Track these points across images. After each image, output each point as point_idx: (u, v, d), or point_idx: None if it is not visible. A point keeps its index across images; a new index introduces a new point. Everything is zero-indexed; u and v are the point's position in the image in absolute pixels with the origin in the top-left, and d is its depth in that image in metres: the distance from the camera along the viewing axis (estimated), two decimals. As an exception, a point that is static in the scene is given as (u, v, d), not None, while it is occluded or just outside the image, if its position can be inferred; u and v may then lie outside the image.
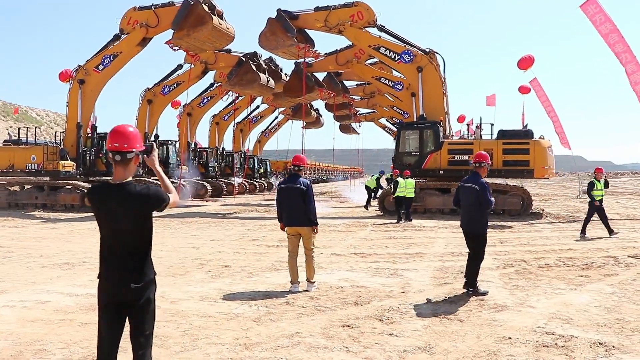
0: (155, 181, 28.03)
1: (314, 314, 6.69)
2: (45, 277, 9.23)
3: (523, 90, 34.03)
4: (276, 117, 48.38)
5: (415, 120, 22.63)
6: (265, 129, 49.90)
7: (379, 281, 8.63)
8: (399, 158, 21.67)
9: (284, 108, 43.65)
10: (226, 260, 10.91)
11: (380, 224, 17.91)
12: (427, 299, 7.27)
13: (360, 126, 48.26)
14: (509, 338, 5.60)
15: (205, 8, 21.43)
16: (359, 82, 37.74)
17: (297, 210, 7.84)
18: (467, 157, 20.59)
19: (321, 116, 44.92)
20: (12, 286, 8.37)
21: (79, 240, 14.30)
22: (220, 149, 40.23)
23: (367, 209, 23.84)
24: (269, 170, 51.17)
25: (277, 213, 8.19)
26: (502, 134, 20.60)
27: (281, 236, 14.78)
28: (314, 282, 8.12)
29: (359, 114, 46.86)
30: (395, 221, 18.30)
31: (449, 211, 20.79)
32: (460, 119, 42.96)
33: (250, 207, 26.04)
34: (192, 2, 21.54)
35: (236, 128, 44.25)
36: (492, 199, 7.44)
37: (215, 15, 21.75)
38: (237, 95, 36.24)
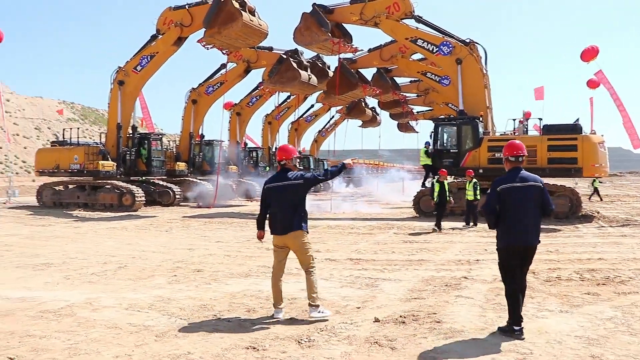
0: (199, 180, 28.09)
1: (232, 330, 5.79)
2: (5, 278, 8.86)
3: (592, 84, 31.44)
4: (332, 116, 47.55)
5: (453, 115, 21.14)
6: (322, 129, 49.23)
7: (343, 293, 7.59)
8: (436, 156, 20.26)
9: (340, 107, 42.77)
10: (207, 263, 10.23)
11: (409, 227, 16.66)
12: (375, 318, 6.17)
13: (417, 124, 46.56)
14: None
15: (236, 4, 20.86)
16: (412, 79, 36.29)
17: (285, 214, 6.25)
18: (509, 155, 18.92)
19: (378, 114, 43.63)
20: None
21: (87, 240, 14.06)
22: (273, 148, 39.87)
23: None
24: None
25: (258, 216, 6.68)
26: (548, 129, 18.74)
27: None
28: (318, 305, 6.19)
29: (417, 112, 45.21)
30: (435, 227, 15.66)
31: (480, 209, 19.22)
32: (527, 115, 40.44)
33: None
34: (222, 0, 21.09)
35: (290, 127, 43.86)
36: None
37: (246, 11, 21.17)
38: (289, 94, 35.83)
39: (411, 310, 6.52)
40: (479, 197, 16.05)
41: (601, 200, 29.02)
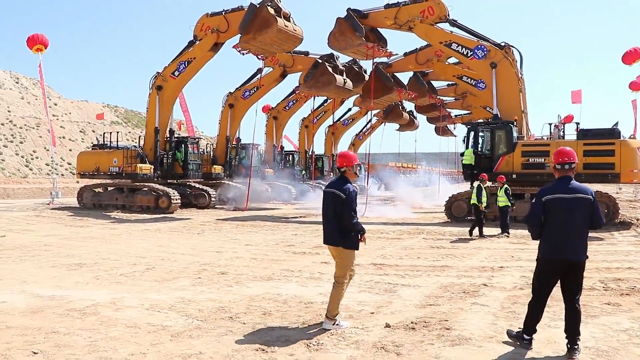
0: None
1: (245, 332, 5.97)
2: (40, 277, 9.31)
3: (634, 86, 30.61)
4: (369, 120, 47.49)
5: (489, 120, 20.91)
6: (359, 132, 49.23)
7: (360, 298, 7.69)
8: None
9: (377, 110, 42.73)
10: (233, 266, 10.46)
11: (440, 233, 16.59)
12: (386, 324, 6.25)
13: (455, 128, 46.11)
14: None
15: (271, 10, 21.18)
16: (449, 83, 35.99)
17: (328, 224, 6.17)
18: (542, 160, 18.65)
19: (415, 118, 43.42)
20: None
21: (120, 242, 14.53)
22: (310, 152, 40.13)
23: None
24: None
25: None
26: (584, 133, 18.35)
27: (319, 242, 14.18)
28: (335, 319, 6.08)
29: (455, 116, 44.78)
30: (476, 233, 15.33)
31: (523, 218, 18.93)
32: (568, 118, 39.58)
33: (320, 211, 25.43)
34: (258, 6, 21.43)
35: (327, 131, 44.07)
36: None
37: (281, 17, 21.46)
38: (325, 98, 36.04)
39: (424, 317, 6.57)
40: (509, 203, 15.74)
41: None
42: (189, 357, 5.17)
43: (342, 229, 6.00)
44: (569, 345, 5.20)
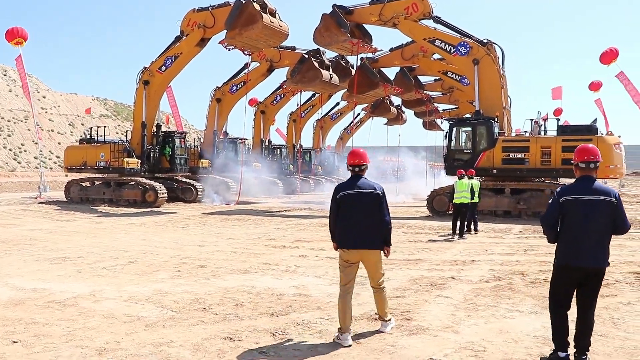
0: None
1: (215, 322, 6.28)
2: (24, 270, 9.57)
3: (593, 87, 31.25)
4: (358, 114, 47.85)
5: (470, 115, 21.30)
6: (347, 126, 49.60)
7: (330, 291, 8.00)
8: (451, 156, 20.47)
9: (365, 105, 43.06)
10: (212, 260, 10.76)
11: (419, 227, 16.96)
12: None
13: (442, 122, 46.46)
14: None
15: (257, 7, 21.40)
16: (436, 78, 36.35)
17: (366, 227, 5.61)
18: (522, 155, 19.07)
19: (403, 112, 43.83)
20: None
21: (105, 236, 14.79)
22: (297, 146, 40.42)
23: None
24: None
25: (330, 229, 5.94)
26: (562, 129, 18.79)
27: (300, 236, 14.52)
28: (389, 319, 5.97)
29: (443, 110, 45.17)
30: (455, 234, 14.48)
31: (502, 213, 19.40)
32: (557, 112, 39.98)
33: (307, 205, 25.76)
34: (244, 1, 21.62)
35: (316, 125, 44.39)
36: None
37: (267, 13, 21.68)
38: (313, 92, 36.32)
39: (390, 307, 6.90)
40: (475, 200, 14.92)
41: None
42: (160, 345, 5.48)
43: (380, 231, 5.67)
44: (576, 355, 4.90)
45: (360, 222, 5.61)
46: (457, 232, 14.36)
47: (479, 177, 18.97)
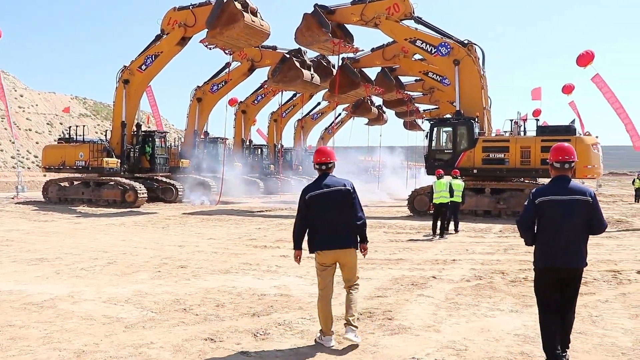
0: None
1: (196, 323, 6.23)
2: (0, 272, 9.37)
3: (566, 90, 31.74)
4: (339, 114, 47.91)
5: (451, 116, 21.46)
6: (329, 126, 49.60)
7: (312, 290, 7.92)
8: (431, 156, 20.60)
9: (346, 105, 43.15)
10: (193, 260, 10.68)
11: (400, 226, 17.02)
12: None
13: (423, 122, 46.73)
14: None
15: (238, 5, 21.29)
16: (417, 78, 36.54)
17: (339, 226, 5.39)
18: (502, 155, 19.26)
19: (384, 113, 44.03)
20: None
21: (84, 236, 14.60)
22: (279, 146, 40.34)
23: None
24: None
25: (294, 234, 5.61)
26: (542, 130, 19.02)
27: (281, 236, 14.48)
28: (357, 327, 5.49)
29: (424, 111, 45.43)
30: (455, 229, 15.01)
31: (483, 213, 19.56)
32: (536, 112, 40.45)
33: (288, 205, 25.71)
34: (225, 0, 21.50)
35: (297, 125, 44.36)
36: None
37: (248, 12, 21.59)
38: (294, 92, 36.29)
39: (370, 308, 6.92)
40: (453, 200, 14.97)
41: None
42: (140, 347, 5.41)
43: (354, 228, 5.47)
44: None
45: (332, 221, 5.38)
46: (438, 232, 14.40)
47: (462, 177, 19.01)
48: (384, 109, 42.56)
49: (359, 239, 5.55)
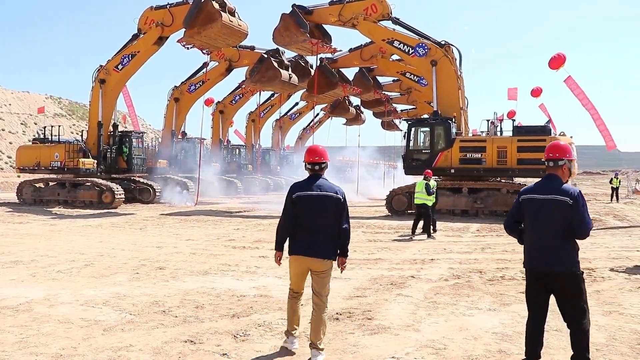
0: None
1: (176, 325, 6.19)
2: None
3: (535, 93, 32.25)
4: (317, 114, 47.95)
5: (429, 116, 21.65)
6: (307, 126, 49.69)
7: (292, 290, 7.99)
8: (409, 156, 20.76)
9: (325, 104, 43.20)
10: (172, 261, 10.60)
11: (378, 226, 17.12)
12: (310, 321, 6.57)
13: (400, 122, 47.01)
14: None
15: (216, 5, 21.18)
16: (395, 78, 36.76)
17: (320, 233, 5.02)
18: (479, 155, 19.47)
19: (362, 113, 44.18)
20: None
21: (60, 238, 14.39)
22: (257, 146, 40.27)
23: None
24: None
25: (277, 234, 5.28)
26: (518, 130, 19.30)
27: (260, 236, 14.46)
28: (322, 349, 5.10)
29: (401, 111, 45.72)
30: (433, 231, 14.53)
31: (460, 212, 19.75)
32: (511, 114, 41.02)
33: (266, 205, 25.65)
34: (202, 0, 21.38)
35: (275, 125, 44.32)
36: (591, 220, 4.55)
37: (226, 12, 21.49)
38: (272, 92, 36.23)
39: (349, 308, 6.95)
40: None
41: (614, 200, 29.94)
42: (119, 350, 5.36)
43: (335, 240, 5.09)
44: None
45: (314, 227, 5.00)
46: (415, 231, 14.54)
47: (436, 178, 19.12)
48: (362, 109, 42.73)
49: (339, 251, 5.15)
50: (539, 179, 4.77)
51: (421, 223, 14.63)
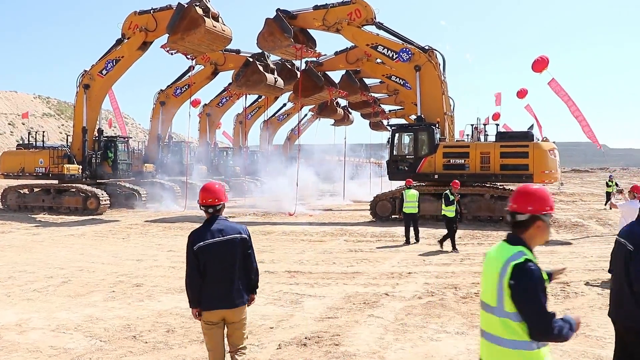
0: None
1: (145, 352, 6.24)
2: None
3: (520, 94, 32.47)
4: (305, 115, 47.99)
5: (413, 122, 21.74)
6: (295, 127, 49.64)
7: (264, 311, 8.05)
8: (393, 161, 20.84)
9: (312, 106, 43.21)
10: (150, 277, 10.64)
11: (361, 234, 17.19)
12: (278, 345, 6.63)
13: (388, 122, 47.11)
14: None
15: (199, 11, 21.14)
16: (382, 80, 36.81)
17: (232, 281, 4.60)
18: (463, 161, 19.58)
19: (350, 113, 44.21)
20: None
21: (41, 250, 14.36)
22: (244, 148, 40.23)
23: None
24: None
25: (188, 292, 4.72)
26: (501, 136, 19.44)
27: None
28: None
29: (389, 111, 45.82)
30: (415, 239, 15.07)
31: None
32: (495, 116, 41.37)
33: (252, 210, 25.69)
34: (186, 5, 21.34)
35: (262, 127, 44.26)
36: None
37: (209, 17, 21.45)
38: (259, 95, 36.21)
39: (319, 332, 7.01)
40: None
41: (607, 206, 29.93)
42: (83, 383, 5.40)
43: (248, 282, 4.77)
44: None
45: (224, 276, 4.57)
46: (409, 239, 15.01)
47: (414, 187, 19.13)
48: (350, 109, 42.79)
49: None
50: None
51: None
